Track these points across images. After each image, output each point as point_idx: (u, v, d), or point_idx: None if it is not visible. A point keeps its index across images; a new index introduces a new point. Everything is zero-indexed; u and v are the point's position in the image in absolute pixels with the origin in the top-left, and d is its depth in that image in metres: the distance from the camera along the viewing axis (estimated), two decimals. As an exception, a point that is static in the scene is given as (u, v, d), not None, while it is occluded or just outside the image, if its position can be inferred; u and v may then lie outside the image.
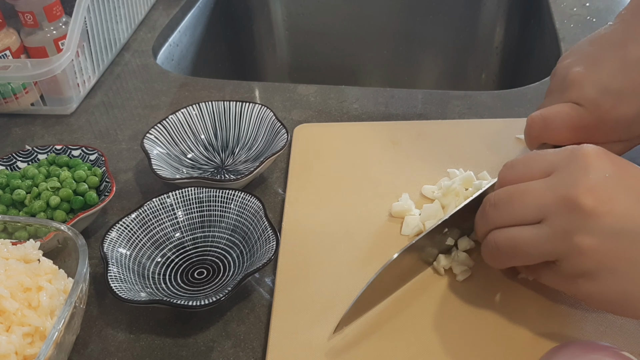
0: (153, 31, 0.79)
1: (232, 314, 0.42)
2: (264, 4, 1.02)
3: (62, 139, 0.61)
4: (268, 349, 0.39)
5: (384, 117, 0.60)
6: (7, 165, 0.52)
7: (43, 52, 0.64)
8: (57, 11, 0.64)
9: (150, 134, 0.54)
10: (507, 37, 0.96)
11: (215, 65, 0.95)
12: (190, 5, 0.87)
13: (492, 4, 0.95)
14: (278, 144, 0.52)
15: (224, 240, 0.47)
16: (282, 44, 1.06)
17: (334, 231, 0.47)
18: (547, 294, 0.40)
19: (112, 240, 0.44)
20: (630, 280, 0.32)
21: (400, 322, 0.40)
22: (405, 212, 0.47)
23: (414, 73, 1.05)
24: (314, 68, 1.08)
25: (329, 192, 0.50)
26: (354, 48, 1.04)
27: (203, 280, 0.45)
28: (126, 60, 0.74)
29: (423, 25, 1.00)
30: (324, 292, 0.42)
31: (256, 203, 0.46)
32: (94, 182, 0.49)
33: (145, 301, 0.39)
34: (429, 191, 0.49)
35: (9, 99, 0.63)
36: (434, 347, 0.38)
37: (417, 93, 0.64)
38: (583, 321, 0.39)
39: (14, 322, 0.36)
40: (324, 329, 0.39)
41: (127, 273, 0.43)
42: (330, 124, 0.59)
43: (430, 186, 0.49)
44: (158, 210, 0.47)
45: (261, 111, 0.56)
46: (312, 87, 0.66)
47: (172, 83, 0.69)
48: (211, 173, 0.54)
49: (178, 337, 0.41)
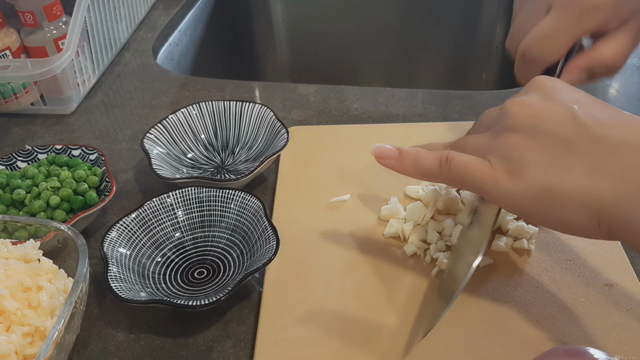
0: (153, 31, 0.79)
1: (232, 313, 0.42)
2: (264, 3, 1.02)
3: (62, 139, 0.61)
4: (255, 354, 0.38)
5: (384, 117, 0.60)
6: (7, 165, 0.52)
7: (43, 52, 0.64)
8: (57, 11, 0.64)
9: (151, 134, 0.54)
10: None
11: (216, 65, 0.95)
12: (191, 5, 0.87)
13: (492, 4, 0.95)
14: (278, 144, 0.52)
15: (224, 240, 0.47)
16: (282, 44, 1.06)
17: (323, 234, 0.47)
18: (536, 299, 0.40)
19: (112, 240, 0.44)
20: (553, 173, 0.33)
21: (383, 328, 0.39)
22: (394, 215, 0.47)
23: (414, 73, 1.05)
24: (314, 68, 1.07)
25: (318, 195, 0.50)
26: (354, 48, 1.04)
27: (203, 280, 0.45)
28: (126, 60, 0.74)
29: (423, 25, 1.00)
30: (313, 296, 0.42)
31: (256, 203, 0.46)
32: (94, 182, 0.49)
33: (145, 301, 0.39)
34: (413, 191, 0.49)
35: (9, 98, 0.63)
36: (420, 353, 0.38)
37: (417, 93, 0.64)
38: (572, 326, 0.39)
39: (14, 322, 0.36)
40: (313, 333, 0.39)
41: (127, 273, 0.43)
42: (321, 127, 0.59)
43: (414, 186, 0.50)
44: (158, 210, 0.47)
45: (261, 111, 0.56)
46: (312, 86, 0.66)
47: (172, 83, 0.69)
48: (211, 173, 0.54)
49: (178, 337, 0.41)
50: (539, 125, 0.33)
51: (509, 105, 0.35)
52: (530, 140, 0.33)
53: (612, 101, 0.61)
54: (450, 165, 0.36)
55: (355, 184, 0.51)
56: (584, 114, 0.33)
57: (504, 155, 0.34)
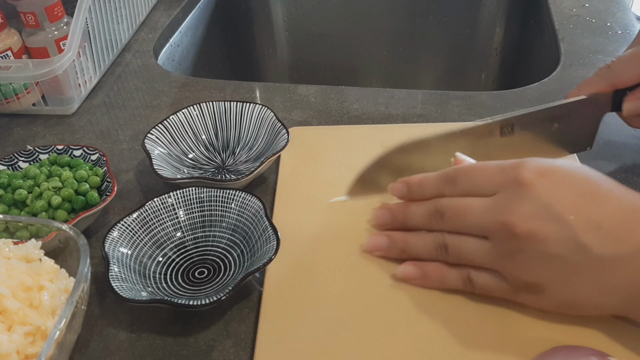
0: (154, 32, 0.80)
1: (232, 313, 0.42)
2: (265, 4, 1.02)
3: (64, 139, 0.61)
4: (255, 353, 0.39)
5: (384, 118, 0.61)
6: (8, 165, 0.52)
7: (44, 53, 0.64)
8: (59, 12, 0.64)
9: (152, 134, 0.54)
10: (507, 37, 0.96)
11: (216, 66, 0.95)
12: (191, 6, 0.87)
13: (491, 5, 0.95)
14: (279, 144, 0.52)
15: (225, 240, 0.47)
16: (282, 45, 1.06)
17: (323, 234, 0.47)
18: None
19: (114, 239, 0.44)
20: (568, 291, 0.36)
21: (383, 328, 0.40)
22: None
23: (414, 73, 1.05)
24: (314, 69, 1.08)
25: (318, 196, 0.50)
26: (354, 48, 1.04)
27: (204, 279, 0.45)
28: (127, 61, 0.74)
29: (423, 25, 1.00)
30: (313, 296, 0.42)
31: (257, 203, 0.46)
32: (96, 182, 0.49)
33: (146, 300, 0.40)
34: None
35: (11, 99, 0.63)
36: (420, 353, 0.38)
37: (417, 93, 0.64)
38: (571, 326, 0.39)
39: (16, 322, 0.36)
40: (313, 333, 0.39)
41: (128, 272, 0.43)
42: (321, 127, 0.59)
43: None
44: (159, 210, 0.47)
45: (262, 111, 0.56)
46: (313, 87, 0.66)
47: (173, 83, 0.69)
48: (212, 173, 0.54)
49: (179, 336, 0.41)
50: (544, 248, 0.35)
51: (512, 222, 0.36)
52: (539, 263, 0.36)
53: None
54: (474, 286, 0.39)
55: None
56: (582, 229, 0.34)
57: (518, 277, 0.37)
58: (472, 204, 0.38)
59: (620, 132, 0.56)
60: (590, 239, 0.34)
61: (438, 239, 0.40)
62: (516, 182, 0.37)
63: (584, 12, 0.78)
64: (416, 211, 0.42)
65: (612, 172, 0.52)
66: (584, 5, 0.79)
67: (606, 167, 0.52)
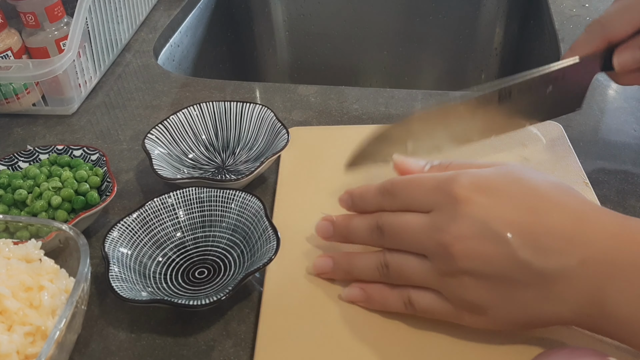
0: (154, 32, 0.80)
1: (232, 313, 0.42)
2: (265, 5, 1.02)
3: (64, 139, 0.61)
4: (255, 353, 0.38)
5: (384, 118, 0.61)
6: (8, 165, 0.52)
7: (44, 53, 0.64)
8: (59, 12, 0.64)
9: (152, 134, 0.54)
10: (507, 37, 0.97)
11: (216, 66, 0.95)
12: (191, 6, 0.87)
13: (491, 5, 0.95)
14: (279, 144, 0.52)
15: (225, 240, 0.47)
16: (282, 45, 1.07)
17: None
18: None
19: (114, 239, 0.44)
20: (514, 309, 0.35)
21: (383, 328, 0.40)
22: None
23: (414, 73, 1.05)
24: (314, 69, 1.08)
25: (318, 196, 0.50)
26: (354, 49, 1.04)
27: (204, 279, 0.45)
28: (127, 61, 0.74)
29: (423, 25, 1.00)
30: (313, 296, 0.42)
31: (257, 203, 0.46)
32: (96, 182, 0.50)
33: (147, 300, 0.40)
34: None
35: (11, 99, 0.63)
36: (419, 353, 0.38)
37: (417, 93, 0.64)
38: (570, 327, 0.38)
39: (16, 322, 0.36)
40: (313, 333, 0.39)
41: (128, 272, 0.43)
42: (321, 127, 0.59)
43: None
44: (159, 210, 0.47)
45: (262, 111, 0.56)
46: (313, 87, 0.66)
47: (173, 83, 0.69)
48: (212, 173, 0.54)
49: (179, 337, 0.41)
50: (483, 268, 0.34)
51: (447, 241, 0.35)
52: (480, 283, 0.34)
53: (611, 102, 0.61)
54: (415, 308, 0.38)
55: (355, 185, 0.51)
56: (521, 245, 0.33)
57: (459, 297, 0.36)
58: (410, 222, 0.37)
59: (621, 132, 0.56)
60: (530, 254, 0.33)
61: (380, 259, 0.39)
62: (451, 198, 0.35)
63: (584, 12, 0.78)
64: (358, 225, 0.41)
65: (612, 172, 0.52)
66: (584, 5, 0.79)
67: (606, 167, 0.52)
